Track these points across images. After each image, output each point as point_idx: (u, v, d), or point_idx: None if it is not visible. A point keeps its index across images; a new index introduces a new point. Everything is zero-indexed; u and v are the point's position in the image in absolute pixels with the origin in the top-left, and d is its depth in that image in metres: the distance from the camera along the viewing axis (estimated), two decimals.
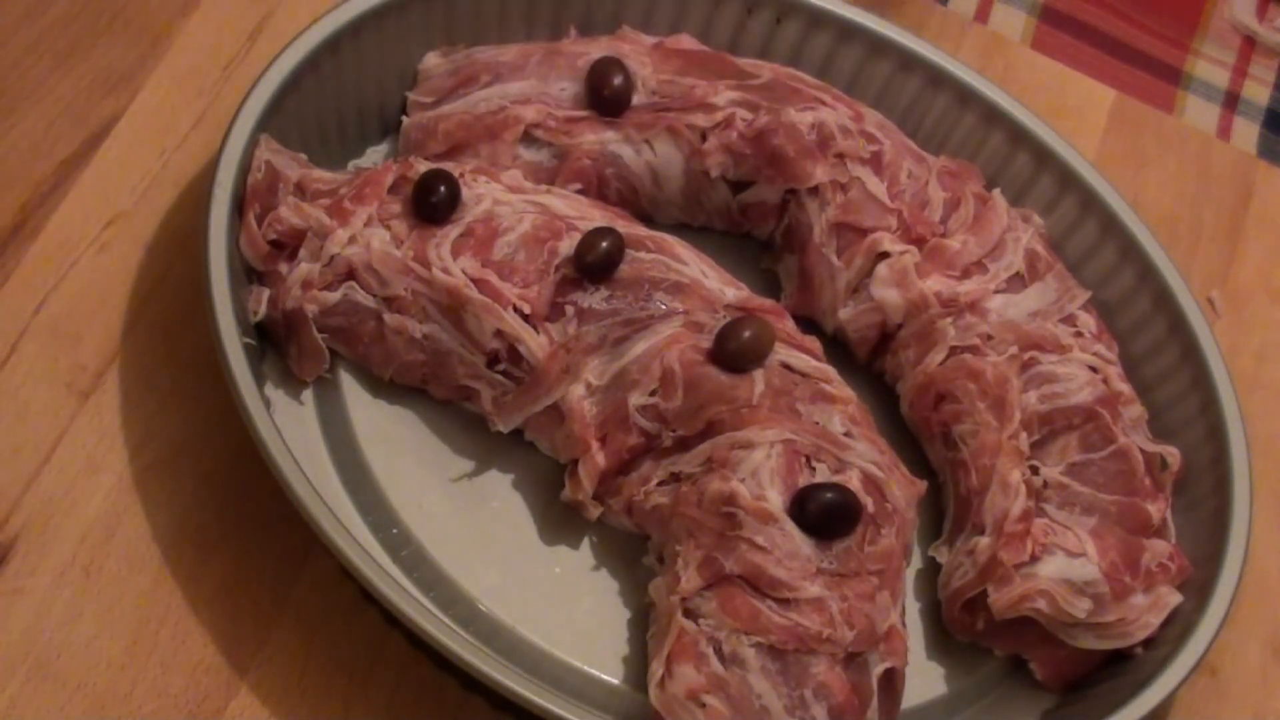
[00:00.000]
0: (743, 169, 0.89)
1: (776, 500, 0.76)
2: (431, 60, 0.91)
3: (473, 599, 0.79)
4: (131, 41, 0.93)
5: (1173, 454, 0.87)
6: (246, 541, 0.80)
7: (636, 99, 0.89)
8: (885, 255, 0.88)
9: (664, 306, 0.81)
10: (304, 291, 0.80)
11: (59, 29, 0.92)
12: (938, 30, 1.09)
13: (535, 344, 0.79)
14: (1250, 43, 1.18)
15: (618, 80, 0.87)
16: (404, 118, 0.90)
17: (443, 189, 0.81)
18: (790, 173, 0.89)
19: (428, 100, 0.89)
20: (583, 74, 0.88)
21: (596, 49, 0.90)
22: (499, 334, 0.79)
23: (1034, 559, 0.81)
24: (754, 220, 0.93)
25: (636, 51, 0.90)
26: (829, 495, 0.76)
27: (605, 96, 0.87)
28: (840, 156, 0.89)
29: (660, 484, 0.80)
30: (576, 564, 0.82)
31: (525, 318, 0.79)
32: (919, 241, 0.88)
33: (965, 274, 0.88)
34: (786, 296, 0.91)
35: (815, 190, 0.89)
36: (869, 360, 0.91)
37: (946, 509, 0.87)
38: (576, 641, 0.80)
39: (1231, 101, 1.14)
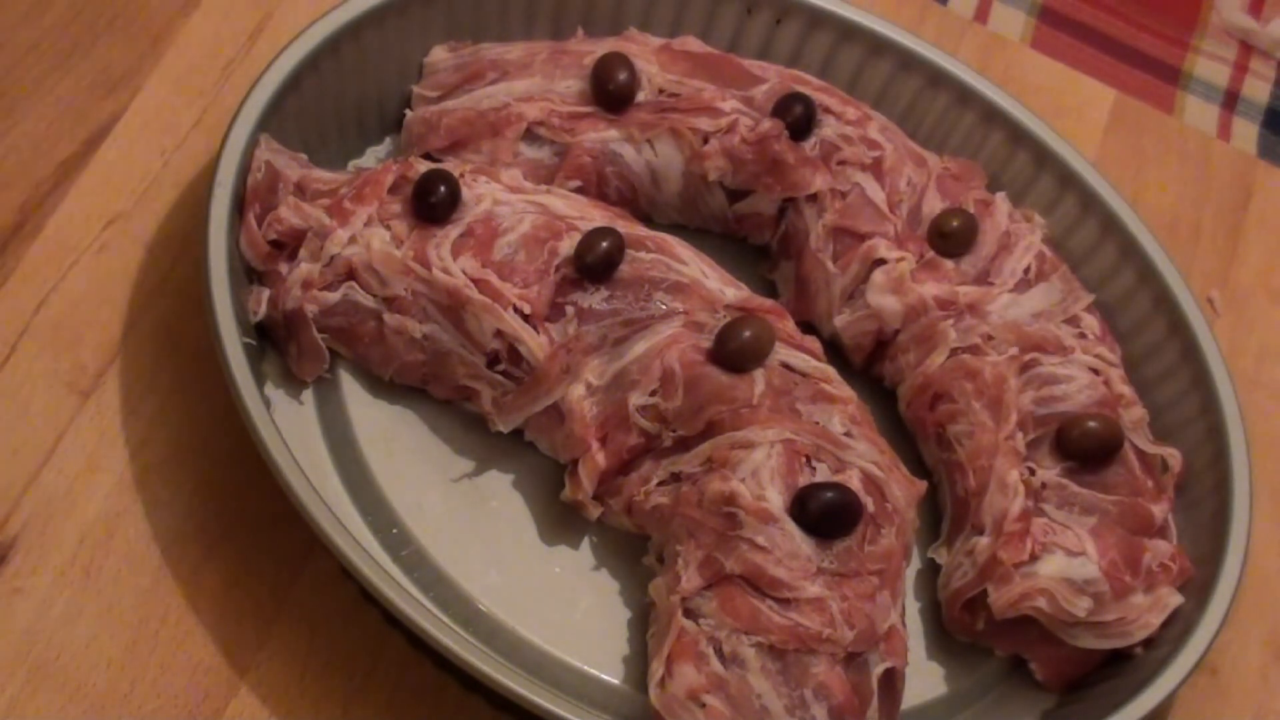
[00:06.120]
0: (741, 176, 0.89)
1: (777, 500, 0.76)
2: (438, 54, 0.91)
3: (473, 599, 0.79)
4: (131, 41, 0.93)
5: (1174, 456, 0.87)
6: (246, 541, 0.80)
7: (641, 96, 0.89)
8: (881, 262, 0.88)
9: (664, 306, 0.81)
10: (304, 291, 0.80)
11: (59, 29, 0.92)
12: (937, 30, 1.09)
13: (535, 344, 0.79)
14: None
15: (622, 76, 0.88)
16: (407, 111, 0.90)
17: (443, 189, 0.81)
18: (789, 180, 0.89)
19: (432, 95, 0.89)
20: (588, 72, 0.88)
21: (603, 49, 0.90)
22: (499, 334, 0.80)
23: (1034, 558, 0.81)
24: (749, 229, 0.93)
25: (643, 51, 0.91)
26: (829, 495, 0.76)
27: (609, 91, 0.88)
28: (842, 164, 0.89)
29: (660, 484, 0.80)
30: (576, 564, 0.82)
31: (525, 318, 0.79)
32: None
33: (964, 282, 0.88)
34: (783, 303, 0.91)
35: (814, 197, 0.89)
36: (864, 367, 0.91)
37: (944, 510, 0.87)
38: (576, 641, 0.80)
39: (1231, 101, 1.14)
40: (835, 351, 0.90)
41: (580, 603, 0.81)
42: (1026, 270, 0.90)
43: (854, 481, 0.77)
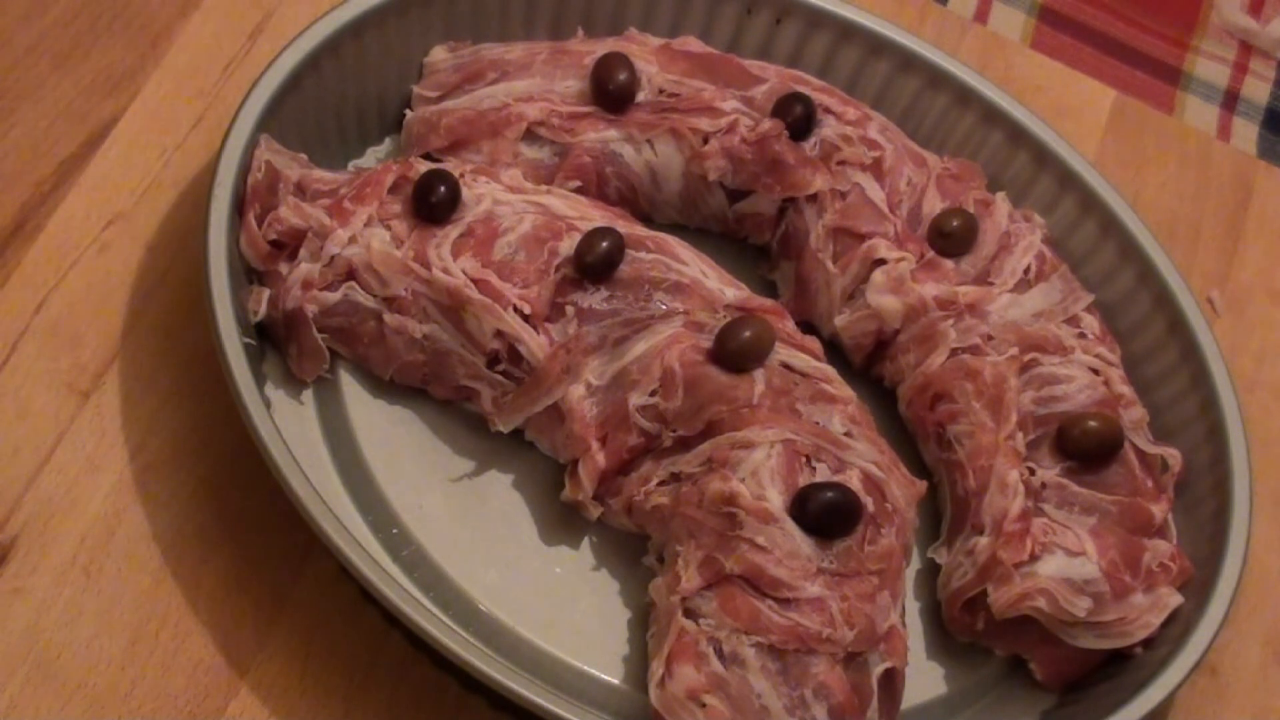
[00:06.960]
0: (741, 176, 0.89)
1: (777, 500, 0.76)
2: (438, 54, 0.91)
3: (473, 599, 0.79)
4: (131, 41, 0.93)
5: (1173, 456, 0.87)
6: (246, 541, 0.80)
7: (641, 96, 0.89)
8: (881, 262, 0.88)
9: (664, 306, 0.81)
10: (304, 291, 0.80)
11: (59, 29, 0.92)
12: (937, 30, 1.09)
13: (535, 344, 0.79)
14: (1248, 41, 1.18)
15: (622, 76, 0.88)
16: (407, 111, 0.90)
17: (443, 189, 0.81)
18: (789, 180, 0.89)
19: (432, 95, 0.89)
20: (588, 72, 0.88)
21: (603, 49, 0.90)
22: (499, 334, 0.80)
23: (1034, 558, 0.80)
24: (749, 229, 0.93)
25: (643, 51, 0.91)
26: (829, 495, 0.76)
27: (609, 91, 0.88)
28: (842, 164, 0.89)
29: (660, 484, 0.80)
30: (576, 564, 0.82)
31: (525, 318, 0.79)
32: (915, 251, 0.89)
33: (964, 282, 0.88)
34: (783, 303, 0.91)
35: (814, 197, 0.89)
36: (864, 367, 0.91)
37: (944, 510, 0.87)
38: (576, 641, 0.80)
39: (1231, 101, 1.14)
40: (835, 351, 0.90)
41: (580, 603, 0.81)
42: (1026, 270, 0.90)
43: (854, 481, 0.77)
